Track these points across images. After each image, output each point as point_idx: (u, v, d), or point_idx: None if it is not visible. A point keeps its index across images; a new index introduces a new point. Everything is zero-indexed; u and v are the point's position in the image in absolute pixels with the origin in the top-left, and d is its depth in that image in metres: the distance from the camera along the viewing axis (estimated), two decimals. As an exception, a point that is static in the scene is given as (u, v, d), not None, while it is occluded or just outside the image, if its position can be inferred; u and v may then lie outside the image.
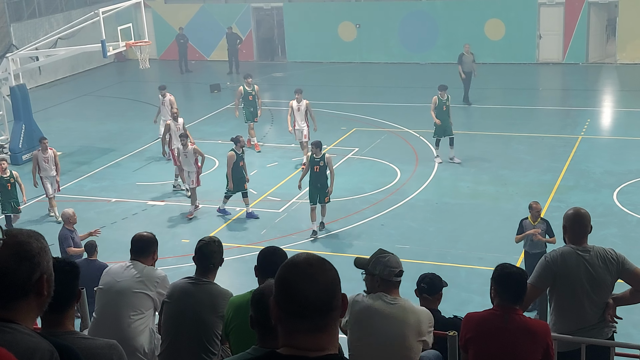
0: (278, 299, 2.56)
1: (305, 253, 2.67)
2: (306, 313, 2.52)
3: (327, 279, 2.56)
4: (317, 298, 2.52)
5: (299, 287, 2.52)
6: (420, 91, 26.01)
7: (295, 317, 2.53)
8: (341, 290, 2.61)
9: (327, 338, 2.57)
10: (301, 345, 2.54)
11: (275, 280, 2.60)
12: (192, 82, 29.95)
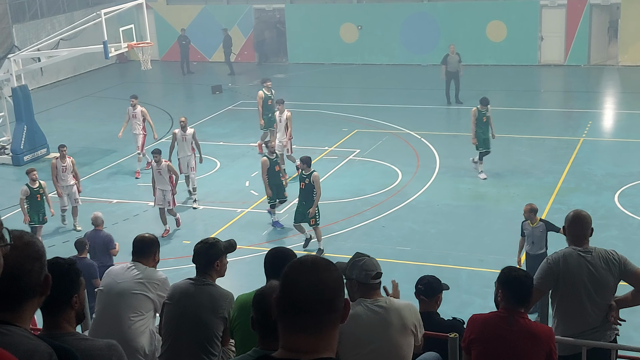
0: (280, 295, 2.57)
1: (313, 255, 2.69)
2: (306, 312, 2.51)
3: (329, 278, 2.56)
4: (319, 297, 2.51)
5: (301, 284, 2.53)
6: (422, 93, 26.03)
7: (294, 314, 2.52)
8: (344, 293, 2.60)
9: (324, 341, 2.55)
10: (297, 347, 2.53)
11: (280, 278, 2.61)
12: (194, 84, 29.97)
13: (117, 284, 6.30)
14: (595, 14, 28.69)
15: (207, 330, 5.72)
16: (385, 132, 21.74)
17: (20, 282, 2.79)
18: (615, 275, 5.94)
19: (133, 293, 6.23)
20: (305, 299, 2.51)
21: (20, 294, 2.81)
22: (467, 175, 18.10)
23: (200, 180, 18.50)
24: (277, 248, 5.39)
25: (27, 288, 2.82)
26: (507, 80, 27.50)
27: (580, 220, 6.03)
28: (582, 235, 6.02)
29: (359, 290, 4.99)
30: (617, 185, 16.87)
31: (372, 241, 14.68)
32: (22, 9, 29.72)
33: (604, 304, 5.97)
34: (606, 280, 5.91)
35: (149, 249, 6.43)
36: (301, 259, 2.63)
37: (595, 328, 5.97)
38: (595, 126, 22.03)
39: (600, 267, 5.90)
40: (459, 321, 6.04)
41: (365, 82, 28.75)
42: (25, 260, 2.80)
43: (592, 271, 5.89)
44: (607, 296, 5.98)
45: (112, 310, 6.24)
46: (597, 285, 5.92)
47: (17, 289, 2.80)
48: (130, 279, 6.27)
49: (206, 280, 5.84)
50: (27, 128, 20.78)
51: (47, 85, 30.01)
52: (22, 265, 2.79)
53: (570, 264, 5.91)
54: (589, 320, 5.96)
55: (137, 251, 6.43)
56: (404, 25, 30.29)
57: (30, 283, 2.82)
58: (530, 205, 12.03)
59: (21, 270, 2.79)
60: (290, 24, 32.02)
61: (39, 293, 2.87)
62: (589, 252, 5.96)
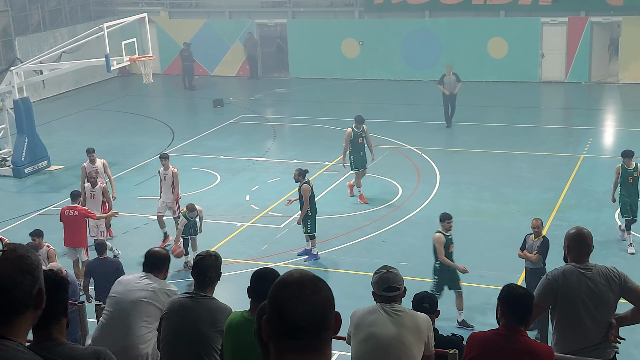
0: (269, 317, 2.52)
1: (299, 271, 2.59)
2: (297, 333, 2.47)
3: (319, 299, 2.50)
4: (308, 318, 2.46)
5: (290, 307, 2.47)
6: (423, 109, 26.08)
7: (286, 336, 2.48)
8: (334, 309, 2.56)
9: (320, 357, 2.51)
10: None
11: (267, 298, 2.56)
12: (196, 97, 30.05)
13: (129, 291, 6.48)
14: (596, 32, 28.78)
15: (205, 344, 5.72)
16: (386, 147, 21.76)
17: (11, 294, 2.76)
18: (616, 292, 5.92)
19: (144, 301, 6.42)
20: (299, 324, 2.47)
21: (11, 307, 2.78)
22: (467, 191, 18.10)
23: (200, 194, 18.52)
24: (260, 271, 5.29)
25: (17, 301, 2.78)
26: (507, 96, 27.56)
27: (581, 238, 6.03)
28: (584, 253, 6.01)
29: (378, 299, 5.49)
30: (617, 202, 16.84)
31: (373, 256, 14.66)
32: (25, 21, 29.84)
33: (604, 321, 5.95)
34: (606, 296, 5.90)
35: (162, 264, 6.70)
36: (286, 279, 2.54)
37: (595, 345, 5.95)
38: (596, 143, 22.06)
39: (600, 284, 5.89)
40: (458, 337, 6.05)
41: (366, 97, 28.81)
42: (15, 273, 2.78)
43: (592, 288, 5.88)
44: (607, 313, 5.96)
45: (123, 316, 6.41)
46: (597, 302, 5.90)
47: (8, 301, 2.77)
48: (142, 287, 6.48)
49: (204, 294, 5.85)
50: (28, 140, 20.80)
51: (49, 98, 30.08)
52: (12, 278, 2.77)
53: (570, 281, 5.91)
54: (589, 337, 5.94)
55: (150, 264, 6.65)
56: (406, 41, 30.39)
57: (20, 296, 2.78)
58: (536, 220, 12.18)
59: (12, 283, 2.77)
60: (292, 39, 32.13)
61: (32, 307, 2.83)
62: (589, 269, 5.95)
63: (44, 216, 17.14)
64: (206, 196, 18.43)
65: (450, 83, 22.87)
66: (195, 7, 34.12)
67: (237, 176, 20.02)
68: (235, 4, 33.04)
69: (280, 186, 18.91)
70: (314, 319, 2.48)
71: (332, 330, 2.55)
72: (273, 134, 24.15)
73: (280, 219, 16.87)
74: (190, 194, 18.39)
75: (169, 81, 32.54)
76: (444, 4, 29.77)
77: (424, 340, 5.32)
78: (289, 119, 27.02)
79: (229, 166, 20.66)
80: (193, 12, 33.91)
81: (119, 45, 22.27)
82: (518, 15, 29.21)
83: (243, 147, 22.62)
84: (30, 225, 16.47)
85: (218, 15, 33.26)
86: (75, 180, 20.06)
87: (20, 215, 17.79)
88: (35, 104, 24.01)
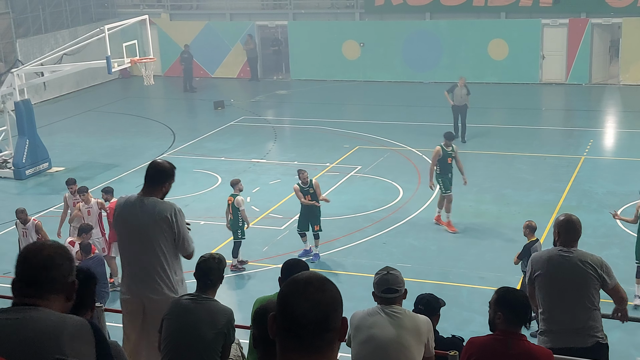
0: (276, 314, 2.55)
1: (310, 272, 2.65)
2: (300, 331, 2.49)
3: (322, 297, 2.52)
4: (309, 315, 2.48)
5: (292, 302, 2.50)
6: (424, 110, 26.09)
7: (290, 334, 2.51)
8: (341, 311, 2.56)
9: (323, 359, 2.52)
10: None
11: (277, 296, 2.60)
12: (196, 99, 30.06)
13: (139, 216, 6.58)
14: (597, 33, 28.80)
15: (207, 345, 5.73)
16: (387, 149, 21.78)
17: (49, 273, 3.16)
18: (595, 277, 6.12)
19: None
20: (300, 320, 2.49)
21: (47, 284, 3.16)
22: (468, 193, 18.09)
23: (201, 196, 18.55)
24: (291, 260, 5.92)
25: (53, 280, 3.17)
26: (508, 98, 27.57)
27: (570, 225, 6.27)
28: (571, 239, 6.25)
29: (377, 300, 5.51)
30: (618, 203, 16.84)
31: (373, 257, 14.67)
32: (26, 23, 29.87)
33: (585, 304, 6.14)
34: (585, 279, 6.11)
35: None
36: (296, 278, 2.59)
37: (577, 330, 6.14)
38: (597, 145, 22.06)
39: (578, 267, 6.11)
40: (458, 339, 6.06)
41: (367, 99, 28.83)
42: (57, 256, 3.20)
43: (571, 269, 6.11)
44: (587, 295, 6.14)
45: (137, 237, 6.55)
46: (576, 284, 6.12)
47: (46, 278, 3.16)
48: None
49: (206, 296, 5.86)
50: (29, 142, 20.82)
51: (50, 100, 30.10)
52: (53, 259, 3.18)
53: (552, 263, 6.17)
54: (570, 318, 6.14)
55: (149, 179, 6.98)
56: (406, 43, 30.40)
57: (57, 277, 3.18)
58: (527, 222, 12.05)
59: (52, 263, 3.18)
60: (292, 41, 32.15)
61: (64, 293, 3.21)
62: (570, 252, 6.18)
63: (45, 218, 17.14)
64: (207, 198, 18.45)
65: (462, 95, 21.79)
66: (196, 9, 34.15)
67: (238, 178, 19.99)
68: (236, 5, 33.07)
69: (281, 188, 18.91)
70: (315, 317, 2.49)
71: (336, 332, 2.55)
72: (274, 136, 24.17)
73: (281, 221, 16.89)
74: (191, 195, 18.43)
75: (170, 83, 32.56)
76: (444, 5, 29.79)
77: (424, 342, 5.33)
78: (290, 120, 27.04)
79: (230, 168, 20.67)
80: (194, 14, 33.94)
81: (120, 47, 22.31)
82: (519, 16, 29.23)
83: (244, 148, 22.64)
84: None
85: (219, 17, 33.28)
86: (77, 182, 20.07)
87: (22, 217, 17.76)
88: (36, 105, 24.02)
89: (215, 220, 16.86)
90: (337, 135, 23.53)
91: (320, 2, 32.38)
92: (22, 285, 3.18)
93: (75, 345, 3.09)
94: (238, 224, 14.65)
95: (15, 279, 3.23)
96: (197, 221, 17.05)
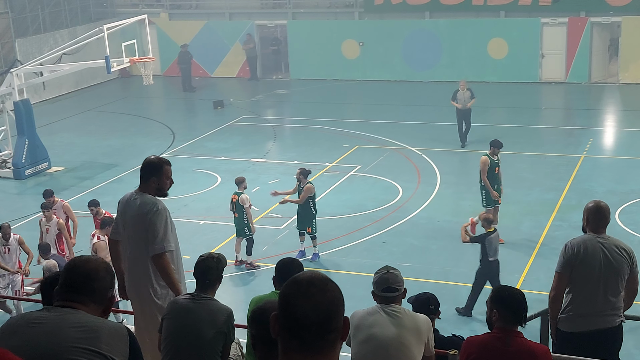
0: (278, 314, 2.54)
1: (311, 271, 2.63)
2: (302, 332, 2.48)
3: (324, 298, 2.50)
4: (311, 316, 2.47)
5: (294, 303, 2.49)
6: (423, 109, 26.08)
7: (292, 335, 2.50)
8: (343, 312, 2.55)
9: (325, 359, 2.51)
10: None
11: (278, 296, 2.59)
12: (196, 99, 30.05)
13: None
14: (596, 32, 28.79)
15: (206, 345, 5.72)
16: (387, 148, 21.77)
17: (93, 283, 3.49)
18: (628, 262, 6.31)
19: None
20: (302, 321, 2.47)
21: (90, 292, 3.47)
22: (467, 192, 18.09)
23: (201, 195, 18.53)
24: (285, 259, 5.90)
25: (96, 291, 3.49)
26: (508, 97, 27.56)
27: (600, 211, 6.41)
28: (601, 225, 6.39)
29: (377, 299, 5.52)
30: (618, 202, 16.84)
31: (373, 257, 14.66)
32: (25, 23, 29.86)
33: (616, 290, 6.31)
34: (619, 265, 6.28)
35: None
36: (297, 278, 2.57)
37: (601, 311, 6.29)
38: (596, 143, 22.06)
39: (615, 252, 6.29)
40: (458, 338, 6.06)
41: (367, 98, 28.82)
42: (101, 269, 3.54)
43: (608, 256, 6.27)
44: (619, 281, 6.31)
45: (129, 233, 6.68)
46: (611, 270, 6.26)
47: (89, 288, 3.48)
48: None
49: (205, 296, 5.85)
50: (28, 142, 20.82)
51: (49, 100, 30.09)
52: (98, 272, 3.51)
53: (589, 248, 6.29)
54: (598, 303, 6.29)
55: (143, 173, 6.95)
56: (406, 42, 30.39)
57: (100, 288, 3.50)
58: (485, 215, 12.97)
59: (96, 274, 3.50)
60: (292, 40, 32.13)
61: (103, 305, 3.52)
62: (605, 238, 6.35)
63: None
64: (207, 197, 18.45)
65: (465, 99, 21.30)
66: (195, 8, 34.14)
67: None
68: (235, 5, 33.05)
69: (280, 187, 18.88)
70: (317, 317, 2.48)
71: (339, 333, 2.54)
72: (273, 135, 24.16)
73: (280, 220, 16.88)
74: (191, 195, 18.43)
75: (169, 83, 32.55)
76: (444, 4, 29.78)
77: (424, 341, 5.33)
78: (290, 120, 27.03)
79: (230, 167, 20.66)
80: (193, 13, 33.92)
81: (119, 46, 22.30)
82: (518, 15, 29.22)
83: (243, 148, 22.63)
84: (30, 227, 16.46)
85: (218, 16, 33.27)
86: (77, 182, 20.13)
87: (21, 217, 17.79)
88: (35, 105, 24.02)
89: (215, 220, 16.86)
90: (337, 134, 23.52)
91: (319, 2, 32.38)
92: (67, 289, 3.49)
93: (112, 342, 3.40)
94: (243, 221, 14.65)
95: (61, 283, 3.53)
96: (197, 221, 17.06)
